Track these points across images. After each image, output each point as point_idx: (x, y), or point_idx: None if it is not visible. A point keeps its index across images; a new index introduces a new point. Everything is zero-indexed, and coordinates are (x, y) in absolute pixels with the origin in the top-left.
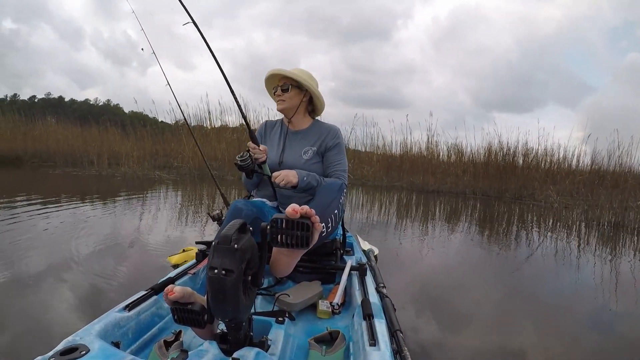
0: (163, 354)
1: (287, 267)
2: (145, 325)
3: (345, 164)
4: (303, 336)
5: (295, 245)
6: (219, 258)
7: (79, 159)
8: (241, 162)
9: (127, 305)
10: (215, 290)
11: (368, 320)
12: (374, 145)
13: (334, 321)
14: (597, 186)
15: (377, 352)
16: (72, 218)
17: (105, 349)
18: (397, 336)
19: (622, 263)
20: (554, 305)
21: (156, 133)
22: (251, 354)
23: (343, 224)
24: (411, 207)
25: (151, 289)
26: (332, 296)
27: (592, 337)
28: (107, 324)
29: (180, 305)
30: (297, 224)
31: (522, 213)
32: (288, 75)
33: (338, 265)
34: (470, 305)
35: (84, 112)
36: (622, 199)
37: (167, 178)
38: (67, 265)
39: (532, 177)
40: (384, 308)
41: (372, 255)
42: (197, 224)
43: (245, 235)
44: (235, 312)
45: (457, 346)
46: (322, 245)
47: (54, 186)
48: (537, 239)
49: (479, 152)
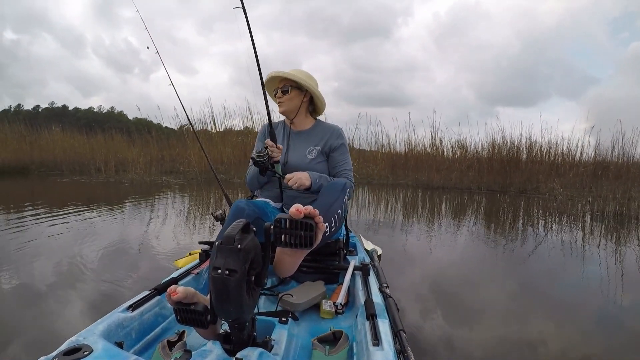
0: (166, 354)
1: (290, 268)
2: (148, 326)
3: (350, 163)
4: (306, 336)
5: (299, 245)
6: (223, 258)
7: (86, 166)
8: (258, 157)
9: (131, 305)
10: (219, 290)
11: (371, 320)
12: (378, 144)
13: (337, 321)
14: (600, 177)
15: (380, 352)
16: (82, 223)
17: (108, 349)
18: (400, 336)
19: (627, 253)
20: (563, 298)
21: (162, 139)
22: (254, 354)
23: (346, 223)
24: (417, 204)
25: (154, 289)
26: (335, 296)
27: (602, 329)
28: (110, 324)
29: (183, 305)
30: (300, 224)
31: (528, 207)
32: (287, 76)
33: (341, 265)
34: (475, 303)
35: (89, 120)
36: (625, 189)
37: (174, 183)
38: (76, 268)
39: (536, 170)
40: (387, 308)
41: (376, 255)
42: (204, 228)
43: (248, 235)
44: (239, 312)
45: (461, 345)
46: (325, 245)
47: (64, 194)
48: (542, 232)
49: (483, 147)
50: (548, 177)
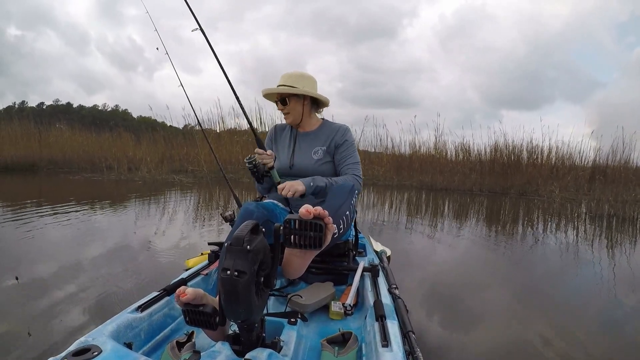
0: (175, 355)
1: (299, 269)
2: (157, 326)
3: (357, 157)
4: (315, 337)
5: (308, 246)
6: (232, 259)
7: (97, 164)
8: (248, 164)
9: (140, 306)
10: (228, 291)
11: (380, 321)
12: (383, 146)
13: (347, 322)
14: (597, 181)
15: (389, 353)
16: (101, 220)
17: (117, 350)
18: (409, 337)
19: (617, 253)
20: (563, 296)
21: (170, 138)
22: (263, 355)
23: (356, 225)
24: (421, 205)
25: (163, 289)
26: (344, 297)
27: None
28: (119, 325)
29: (192, 306)
30: (310, 224)
31: (527, 209)
32: (279, 91)
33: (350, 267)
34: (482, 303)
35: (93, 118)
36: (617, 192)
37: (187, 182)
38: (87, 265)
39: (537, 173)
40: (397, 309)
41: (385, 256)
42: (216, 227)
43: (257, 237)
44: (248, 313)
45: (470, 346)
46: (334, 246)
47: (80, 191)
48: (541, 233)
49: (485, 151)
50: (547, 180)
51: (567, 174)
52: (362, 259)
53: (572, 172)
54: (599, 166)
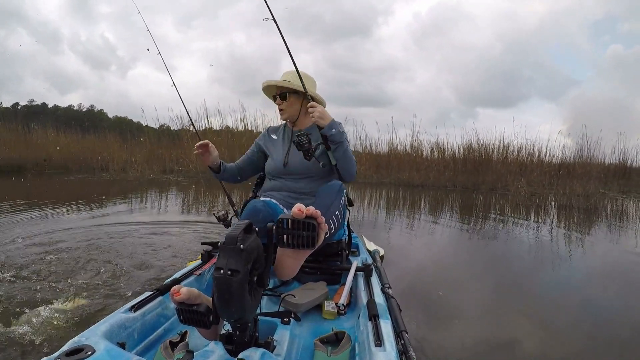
0: (169, 354)
1: (291, 270)
2: (150, 326)
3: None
4: (309, 337)
5: (301, 245)
6: (225, 258)
7: (90, 165)
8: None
9: (133, 306)
10: (221, 290)
11: (374, 320)
12: (362, 145)
13: (340, 322)
14: (561, 176)
15: (382, 352)
16: (102, 220)
17: (110, 350)
18: (402, 337)
19: (573, 238)
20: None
21: (160, 137)
22: (256, 354)
23: (349, 224)
24: (399, 200)
25: (157, 289)
26: (337, 297)
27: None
28: (112, 325)
29: (186, 306)
30: (303, 224)
31: (496, 202)
32: (282, 85)
33: (344, 266)
34: (472, 301)
35: (69, 118)
36: (572, 186)
37: (182, 181)
38: (88, 263)
39: (506, 170)
40: (390, 309)
41: (378, 255)
42: (217, 227)
43: (251, 236)
44: (241, 313)
45: (462, 344)
46: (327, 246)
47: (74, 192)
48: (506, 222)
49: (459, 149)
50: (516, 176)
51: (534, 170)
52: (356, 259)
53: (538, 168)
54: (564, 163)
